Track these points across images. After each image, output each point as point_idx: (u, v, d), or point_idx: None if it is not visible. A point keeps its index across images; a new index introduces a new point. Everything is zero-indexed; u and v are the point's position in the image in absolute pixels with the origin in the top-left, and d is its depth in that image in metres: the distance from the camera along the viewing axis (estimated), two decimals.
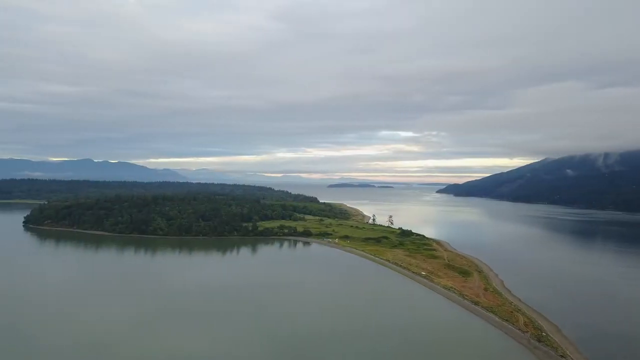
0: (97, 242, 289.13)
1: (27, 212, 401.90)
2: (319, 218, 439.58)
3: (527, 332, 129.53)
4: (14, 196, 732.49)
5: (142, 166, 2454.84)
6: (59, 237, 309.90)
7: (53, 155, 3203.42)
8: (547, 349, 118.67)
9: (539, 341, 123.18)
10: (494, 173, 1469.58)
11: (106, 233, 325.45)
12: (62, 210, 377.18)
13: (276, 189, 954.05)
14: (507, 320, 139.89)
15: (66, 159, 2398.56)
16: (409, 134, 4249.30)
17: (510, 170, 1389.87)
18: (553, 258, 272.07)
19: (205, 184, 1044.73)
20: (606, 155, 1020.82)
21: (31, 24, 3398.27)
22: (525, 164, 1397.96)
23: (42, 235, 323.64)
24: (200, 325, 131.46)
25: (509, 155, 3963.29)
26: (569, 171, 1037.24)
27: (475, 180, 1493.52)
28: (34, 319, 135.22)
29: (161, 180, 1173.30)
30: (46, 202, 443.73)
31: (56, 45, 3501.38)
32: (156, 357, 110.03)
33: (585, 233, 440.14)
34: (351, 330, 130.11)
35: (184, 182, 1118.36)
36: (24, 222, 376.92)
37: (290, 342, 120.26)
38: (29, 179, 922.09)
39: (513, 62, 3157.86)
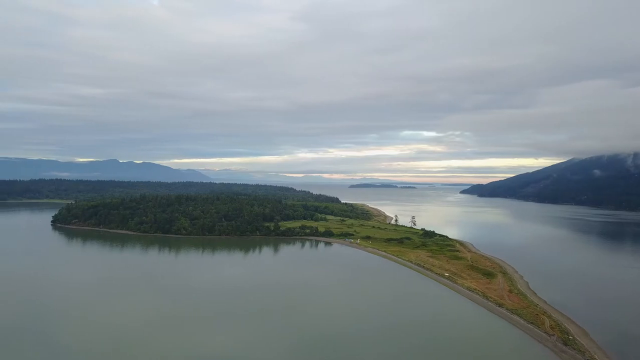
0: (122, 241, 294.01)
1: (55, 212, 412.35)
2: (341, 218, 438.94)
3: (553, 335, 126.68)
4: (42, 195, 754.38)
5: (166, 167, 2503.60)
6: (85, 236, 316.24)
7: (80, 156, 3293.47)
8: (574, 353, 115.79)
9: (566, 345, 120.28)
10: (519, 173, 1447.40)
11: (131, 232, 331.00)
12: (88, 209, 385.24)
13: (298, 189, 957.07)
14: (532, 322, 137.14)
15: (92, 160, 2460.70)
16: (432, 133, 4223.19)
17: (536, 171, 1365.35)
18: (580, 260, 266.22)
19: (228, 184, 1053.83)
20: (635, 155, 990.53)
21: (59, 28, 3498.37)
22: (551, 164, 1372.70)
23: (69, 234, 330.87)
24: (219, 325, 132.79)
25: (535, 155, 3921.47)
26: (596, 171, 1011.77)
27: (500, 180, 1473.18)
28: (56, 316, 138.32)
29: (185, 181, 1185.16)
30: (73, 202, 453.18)
31: (83, 48, 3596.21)
32: (171, 356, 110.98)
33: (613, 235, 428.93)
34: (369, 331, 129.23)
35: (207, 183, 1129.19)
36: (52, 221, 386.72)
37: (313, 342, 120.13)
38: (57, 179, 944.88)
39: (539, 60, 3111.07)
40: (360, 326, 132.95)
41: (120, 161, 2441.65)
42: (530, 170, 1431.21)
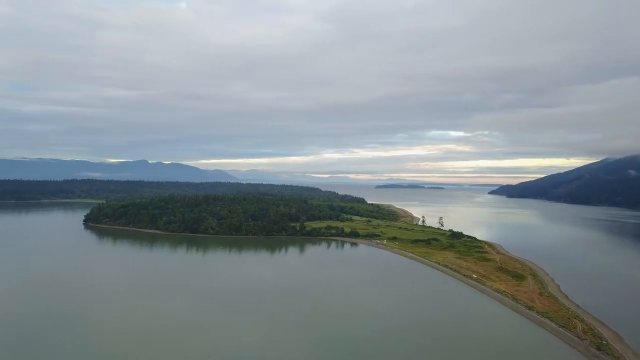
0: (150, 241, 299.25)
1: (86, 211, 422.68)
2: (367, 219, 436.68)
3: (585, 339, 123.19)
4: (75, 195, 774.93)
5: (194, 167, 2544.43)
6: (115, 235, 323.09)
7: (111, 157, 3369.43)
8: (607, 358, 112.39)
9: (599, 349, 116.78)
10: (549, 174, 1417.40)
11: (159, 232, 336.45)
12: (119, 209, 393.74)
13: (323, 189, 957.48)
14: (563, 326, 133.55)
15: (123, 160, 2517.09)
16: (460, 133, 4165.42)
17: (568, 171, 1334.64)
18: (614, 263, 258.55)
19: (255, 184, 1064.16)
20: None
21: (88, 31, 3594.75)
22: (583, 164, 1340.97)
23: (100, 233, 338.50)
24: (241, 324, 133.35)
25: (566, 155, 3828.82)
26: (631, 171, 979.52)
27: (530, 181, 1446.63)
28: (80, 316, 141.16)
29: (212, 181, 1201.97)
30: (104, 202, 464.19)
31: (113, 51, 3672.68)
32: (192, 355, 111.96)
33: None
34: (394, 331, 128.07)
35: (234, 183, 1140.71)
36: (84, 220, 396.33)
37: (335, 344, 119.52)
38: (88, 180, 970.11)
39: (570, 58, 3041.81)
40: (385, 326, 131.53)
41: (150, 162, 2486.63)
42: (562, 171, 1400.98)
